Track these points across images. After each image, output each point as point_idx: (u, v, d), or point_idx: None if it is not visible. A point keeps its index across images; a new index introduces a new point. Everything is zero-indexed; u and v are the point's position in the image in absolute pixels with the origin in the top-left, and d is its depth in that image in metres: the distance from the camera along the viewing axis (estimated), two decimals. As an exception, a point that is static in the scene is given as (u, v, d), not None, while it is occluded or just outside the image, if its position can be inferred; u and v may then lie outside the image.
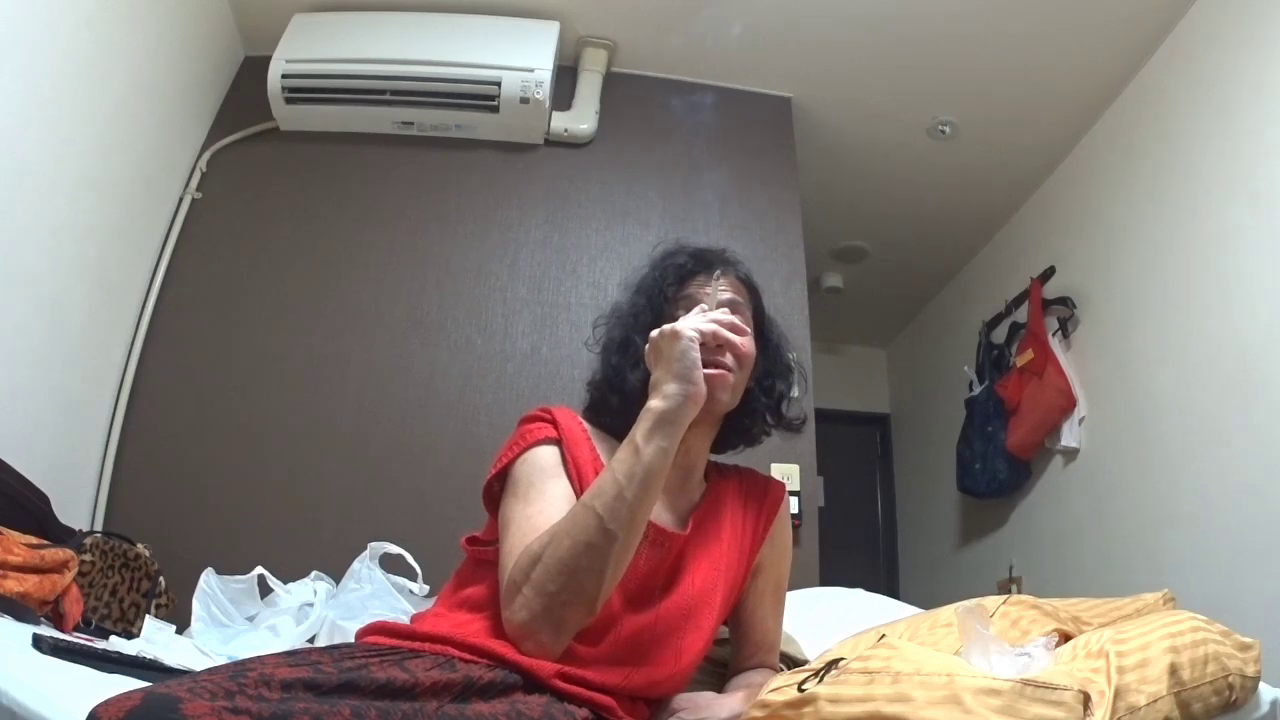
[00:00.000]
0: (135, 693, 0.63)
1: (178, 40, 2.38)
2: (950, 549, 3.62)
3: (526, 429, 1.10)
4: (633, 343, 1.12)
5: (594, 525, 0.89)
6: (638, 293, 1.18)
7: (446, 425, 2.32)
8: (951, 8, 2.53)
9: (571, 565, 0.88)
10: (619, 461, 0.93)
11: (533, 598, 0.89)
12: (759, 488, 1.19)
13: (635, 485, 0.91)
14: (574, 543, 0.89)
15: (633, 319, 1.15)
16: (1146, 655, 0.87)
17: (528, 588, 0.89)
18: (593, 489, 0.92)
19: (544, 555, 0.90)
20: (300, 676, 0.71)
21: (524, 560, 0.91)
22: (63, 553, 1.41)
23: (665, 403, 0.95)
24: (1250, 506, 2.04)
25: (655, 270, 1.18)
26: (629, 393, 1.08)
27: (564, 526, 0.91)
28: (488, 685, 0.83)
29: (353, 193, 2.58)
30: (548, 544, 0.90)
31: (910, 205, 3.44)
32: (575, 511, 0.92)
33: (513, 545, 0.95)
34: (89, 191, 2.06)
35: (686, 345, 0.96)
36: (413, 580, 1.80)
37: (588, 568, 0.88)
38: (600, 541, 0.89)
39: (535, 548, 0.91)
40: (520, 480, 1.03)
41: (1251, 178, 2.17)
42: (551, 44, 2.58)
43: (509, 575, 0.92)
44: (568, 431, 1.08)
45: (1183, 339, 2.37)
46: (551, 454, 1.06)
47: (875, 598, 1.87)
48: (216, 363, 2.33)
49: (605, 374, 1.15)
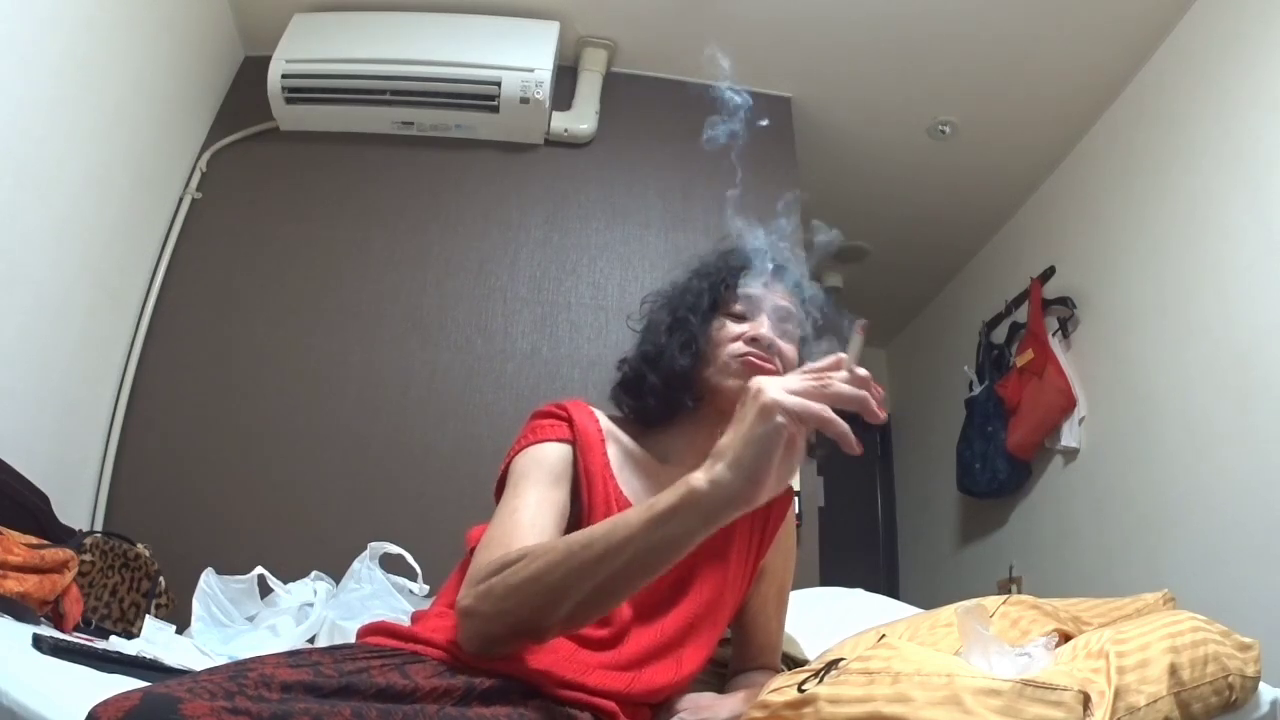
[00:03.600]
0: (134, 692, 0.63)
1: (178, 40, 2.38)
2: (950, 549, 3.62)
3: (538, 424, 1.06)
4: (686, 325, 1.08)
5: (570, 573, 0.77)
6: (699, 276, 1.13)
7: (446, 425, 2.32)
8: (952, 8, 2.53)
9: (530, 596, 0.79)
10: (625, 524, 0.76)
11: (484, 598, 0.81)
12: None
13: (627, 560, 0.76)
14: (543, 578, 0.78)
15: (690, 300, 1.10)
16: (1146, 655, 0.87)
17: (484, 587, 0.81)
18: (591, 533, 0.79)
19: (514, 566, 0.81)
20: (301, 678, 0.70)
21: (496, 560, 0.84)
22: (63, 553, 1.41)
23: (711, 489, 0.74)
24: (1250, 506, 2.04)
25: (720, 258, 1.14)
26: (672, 374, 1.05)
27: (544, 554, 0.80)
28: (488, 691, 0.83)
29: (352, 193, 2.58)
30: (522, 558, 0.81)
31: (910, 205, 3.44)
32: (561, 545, 0.80)
33: (490, 535, 0.90)
34: (89, 191, 2.06)
35: (773, 433, 0.73)
36: (413, 580, 1.80)
37: (544, 607, 0.79)
38: (567, 593, 0.78)
39: (512, 555, 0.82)
40: (516, 472, 0.99)
41: (1251, 177, 2.17)
42: (551, 44, 2.57)
43: (475, 562, 0.87)
44: (583, 433, 1.04)
45: (1183, 339, 2.37)
46: (558, 454, 1.01)
47: (875, 598, 1.87)
48: (216, 363, 2.33)
49: (649, 352, 1.10)
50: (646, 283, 2.55)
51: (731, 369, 1.04)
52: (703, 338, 1.07)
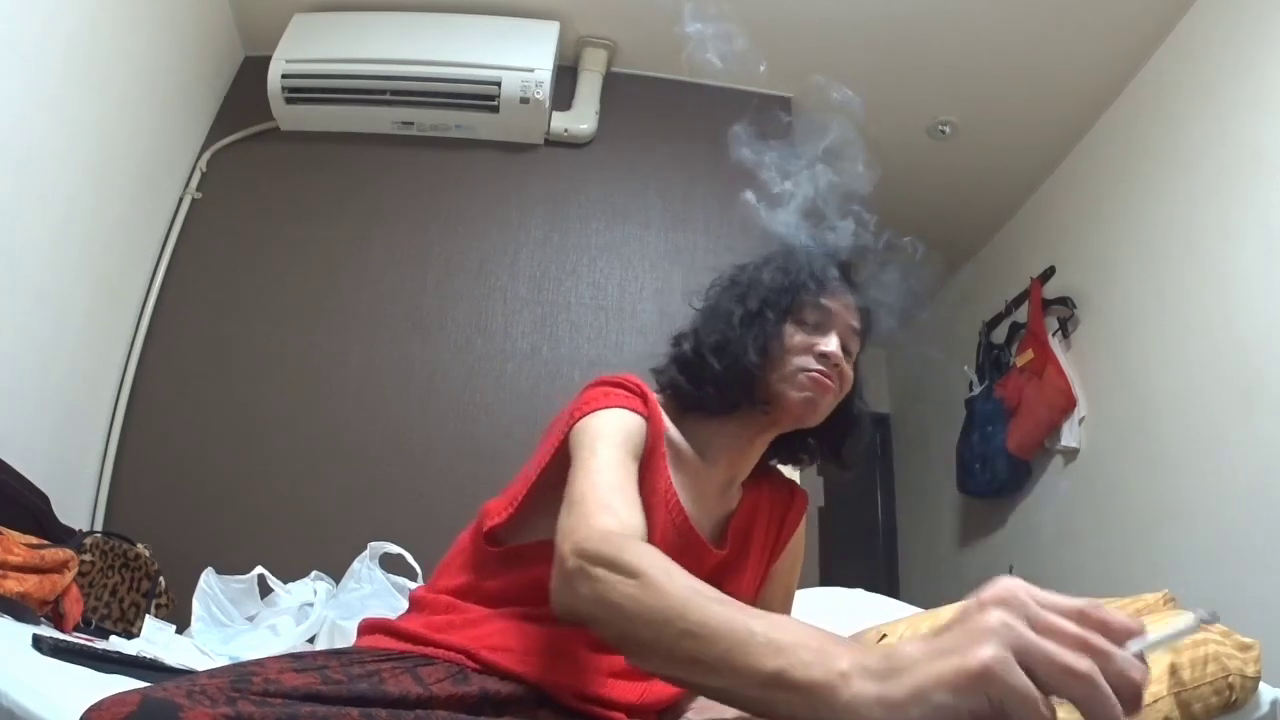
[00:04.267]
0: (131, 695, 0.60)
1: (178, 40, 2.38)
2: (950, 549, 3.62)
3: (611, 390, 0.97)
4: (762, 322, 1.03)
5: (670, 644, 0.63)
6: (779, 271, 1.07)
7: (446, 425, 2.32)
8: (952, 8, 2.53)
9: (621, 627, 0.67)
10: (748, 654, 0.58)
11: (586, 583, 0.70)
12: (784, 497, 1.15)
13: (724, 684, 0.61)
14: (638, 629, 0.66)
15: (767, 296, 1.05)
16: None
17: (596, 576, 0.70)
18: (714, 628, 0.61)
19: (627, 576, 0.68)
20: (307, 683, 0.68)
21: (610, 532, 0.74)
22: (63, 553, 1.41)
23: (846, 706, 0.52)
24: (1250, 506, 2.04)
25: (802, 257, 1.08)
26: (739, 370, 1.01)
27: (658, 601, 0.65)
28: (504, 700, 0.81)
29: (352, 193, 2.58)
30: (637, 573, 0.67)
31: (910, 205, 3.44)
32: (676, 607, 0.64)
33: (583, 491, 0.81)
34: (89, 192, 2.06)
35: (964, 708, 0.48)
36: (413, 580, 1.80)
37: (627, 645, 0.68)
38: (652, 655, 0.65)
39: (629, 557, 0.69)
40: (593, 431, 0.90)
41: (1251, 178, 2.17)
42: (551, 44, 2.57)
43: (577, 517, 0.78)
44: (655, 416, 0.99)
45: (1183, 339, 2.37)
46: (636, 426, 0.94)
47: (875, 598, 1.87)
48: (216, 363, 2.33)
49: (718, 341, 1.04)
50: (646, 283, 2.55)
51: (797, 381, 1.01)
52: (776, 340, 1.03)
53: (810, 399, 1.01)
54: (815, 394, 1.01)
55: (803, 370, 1.01)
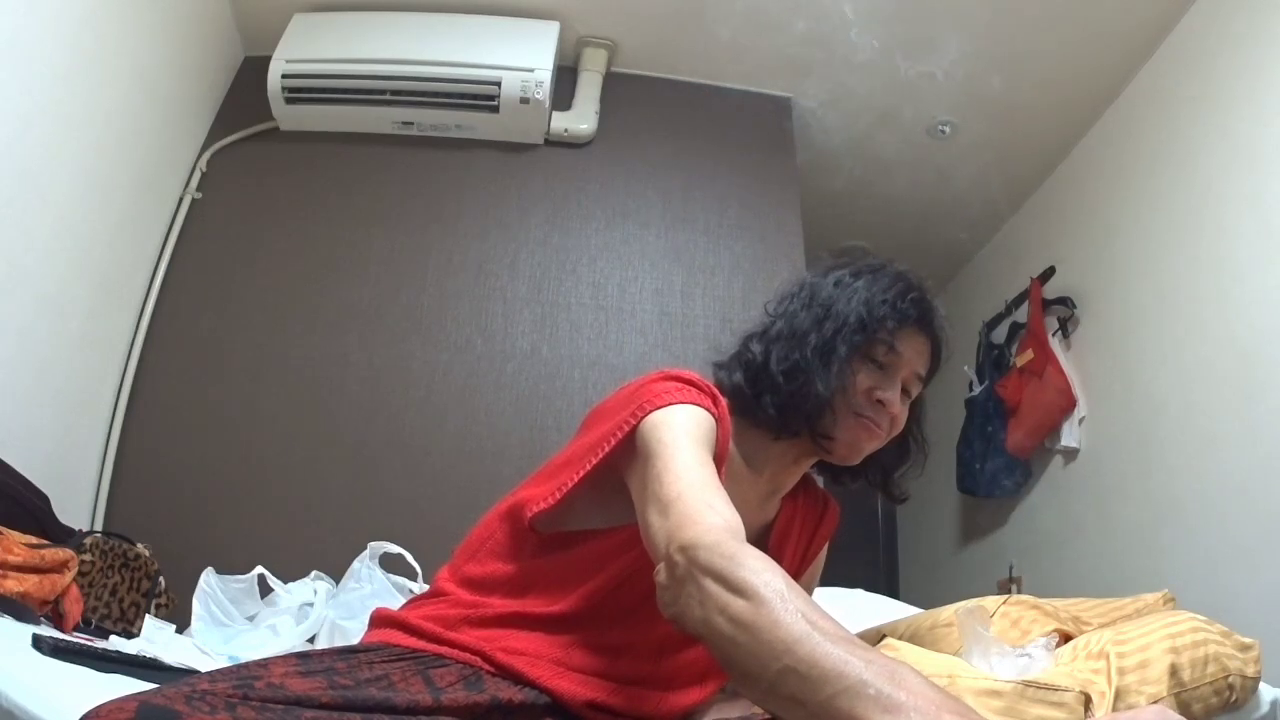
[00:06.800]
0: (129, 701, 0.58)
1: (178, 40, 2.38)
2: (950, 549, 3.62)
3: (681, 386, 0.92)
4: (836, 355, 0.99)
5: (774, 676, 0.61)
6: (861, 303, 1.02)
7: (446, 425, 2.32)
8: (952, 8, 2.53)
9: (725, 643, 0.65)
10: (846, 709, 0.56)
11: (696, 613, 0.68)
12: (816, 509, 1.15)
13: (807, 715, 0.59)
14: (743, 657, 0.63)
15: (844, 327, 1.01)
16: (1147, 656, 0.87)
17: (705, 585, 0.67)
18: (824, 669, 0.59)
19: (739, 596, 0.65)
20: (313, 688, 0.67)
21: (719, 559, 0.68)
22: (63, 553, 1.41)
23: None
24: (1249, 506, 2.04)
25: (881, 290, 1.04)
26: (804, 397, 0.98)
27: (769, 629, 0.62)
28: (516, 708, 0.80)
29: (353, 193, 2.58)
30: (750, 592, 0.65)
31: (910, 205, 3.44)
32: (784, 640, 0.61)
33: (679, 489, 0.77)
34: (89, 191, 2.06)
35: None
36: (413, 579, 1.80)
37: (728, 660, 0.65)
38: (754, 683, 0.63)
39: (745, 575, 0.66)
40: (672, 425, 0.86)
41: (1251, 177, 2.17)
42: (551, 44, 2.57)
43: (683, 509, 0.75)
44: (723, 418, 0.95)
45: (1183, 339, 2.37)
46: (710, 425, 0.90)
47: (875, 598, 1.88)
48: (216, 363, 2.33)
49: (788, 362, 1.00)
50: (646, 283, 2.55)
51: (847, 423, 1.00)
52: (846, 376, 1.00)
53: (854, 444, 1.01)
54: (862, 439, 1.01)
55: (856, 414, 1.00)
